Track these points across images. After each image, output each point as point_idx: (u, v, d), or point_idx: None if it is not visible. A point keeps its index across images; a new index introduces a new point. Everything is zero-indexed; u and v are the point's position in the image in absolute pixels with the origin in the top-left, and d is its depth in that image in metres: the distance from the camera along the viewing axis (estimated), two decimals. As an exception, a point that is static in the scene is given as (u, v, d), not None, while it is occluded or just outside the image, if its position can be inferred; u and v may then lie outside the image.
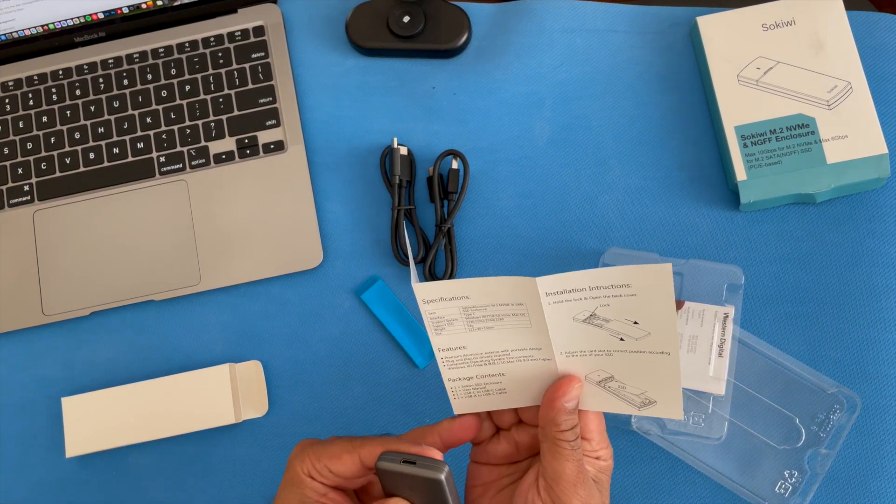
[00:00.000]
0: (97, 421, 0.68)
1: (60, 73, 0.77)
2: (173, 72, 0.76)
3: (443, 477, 0.45)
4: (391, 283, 0.71)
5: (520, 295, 0.48)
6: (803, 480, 0.62)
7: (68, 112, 0.76)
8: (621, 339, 0.49)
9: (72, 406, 0.68)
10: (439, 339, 0.50)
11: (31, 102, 0.77)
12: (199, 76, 0.76)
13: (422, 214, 0.72)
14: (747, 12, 0.70)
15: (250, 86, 0.75)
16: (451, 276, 0.70)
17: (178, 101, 0.75)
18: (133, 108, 0.76)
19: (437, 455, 0.47)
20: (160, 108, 0.76)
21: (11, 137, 0.76)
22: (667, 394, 0.50)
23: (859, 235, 0.68)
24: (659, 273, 0.46)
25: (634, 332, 0.49)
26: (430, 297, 0.49)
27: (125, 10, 0.77)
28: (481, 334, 0.50)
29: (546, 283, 0.47)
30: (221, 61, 0.76)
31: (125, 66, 0.77)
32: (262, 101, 0.75)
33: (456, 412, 0.52)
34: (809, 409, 0.63)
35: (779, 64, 0.68)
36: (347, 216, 0.73)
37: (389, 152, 0.72)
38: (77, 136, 0.76)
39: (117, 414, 0.68)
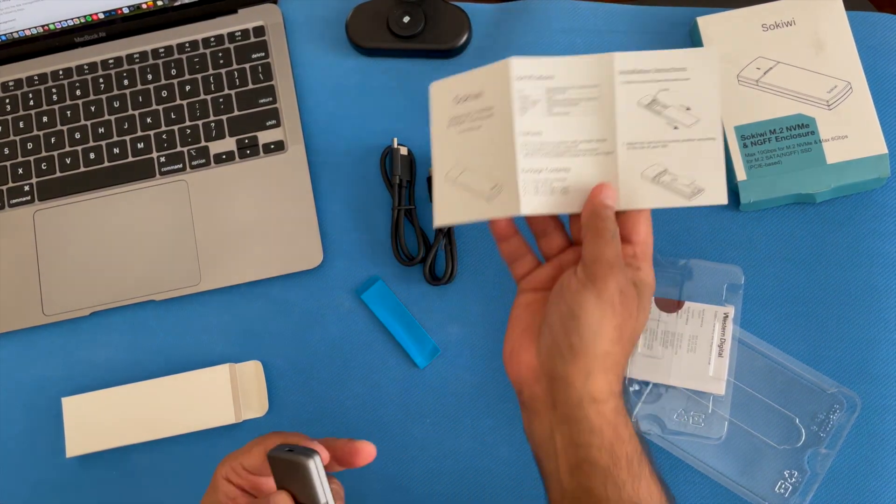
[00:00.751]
0: (97, 421, 0.68)
1: (61, 73, 0.77)
2: (173, 72, 0.76)
3: (309, 463, 0.48)
4: (391, 283, 0.71)
5: (597, 75, 0.54)
6: (803, 480, 0.62)
7: (68, 112, 0.76)
8: (675, 128, 0.54)
9: (72, 406, 0.68)
10: (523, 120, 0.53)
11: (31, 102, 0.77)
12: (199, 76, 0.76)
13: (422, 214, 0.72)
14: (747, 12, 0.70)
15: (250, 86, 0.75)
16: (451, 277, 0.70)
17: (178, 102, 0.76)
18: (133, 109, 0.76)
19: (319, 448, 0.49)
20: (160, 108, 0.76)
21: (12, 137, 0.76)
22: (713, 180, 0.54)
23: (859, 235, 0.68)
24: (707, 57, 0.54)
25: (686, 119, 0.54)
26: (523, 73, 0.53)
27: (125, 11, 0.77)
28: (557, 120, 0.54)
29: (621, 59, 0.54)
30: (222, 61, 0.76)
31: (125, 67, 0.77)
32: (262, 101, 0.75)
33: (523, 211, 0.53)
34: (809, 409, 0.63)
35: (779, 64, 0.68)
36: (347, 216, 0.73)
37: (389, 152, 0.72)
38: (77, 136, 0.76)
39: (117, 414, 0.68)
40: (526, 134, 0.53)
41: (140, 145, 0.75)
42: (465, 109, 0.57)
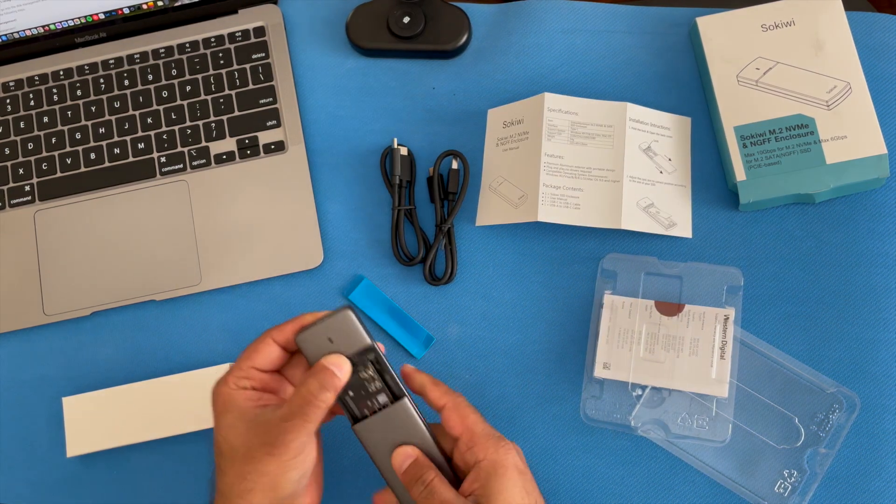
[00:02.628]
0: (98, 420, 0.68)
1: (61, 73, 0.77)
2: (174, 72, 0.76)
3: (348, 312, 0.52)
4: (392, 282, 0.71)
5: (612, 117, 0.67)
6: (802, 480, 0.62)
7: (69, 112, 0.76)
8: (661, 172, 0.67)
9: (72, 406, 0.69)
10: (549, 144, 0.67)
11: (31, 103, 0.77)
12: (199, 77, 0.76)
13: (422, 214, 0.72)
14: (747, 13, 0.70)
15: (251, 86, 0.75)
16: (451, 277, 0.70)
17: (178, 102, 0.76)
18: (134, 109, 0.76)
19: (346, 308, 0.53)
20: (161, 108, 0.76)
21: (12, 138, 0.76)
22: (683, 218, 0.68)
23: (859, 235, 0.68)
24: (684, 123, 0.70)
25: (668, 167, 0.68)
26: (554, 106, 0.68)
27: (126, 11, 0.77)
28: (577, 149, 0.67)
29: (631, 108, 0.68)
30: (222, 62, 0.76)
31: (126, 67, 0.77)
32: (262, 101, 0.75)
33: (540, 218, 0.65)
34: (809, 409, 0.63)
35: (778, 64, 0.69)
36: (348, 216, 0.73)
37: (389, 152, 0.72)
38: (78, 136, 0.76)
39: (118, 414, 0.68)
40: (550, 156, 0.67)
41: (140, 145, 0.75)
42: (509, 132, 0.70)
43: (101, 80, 0.77)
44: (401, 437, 0.54)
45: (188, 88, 0.76)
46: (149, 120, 0.76)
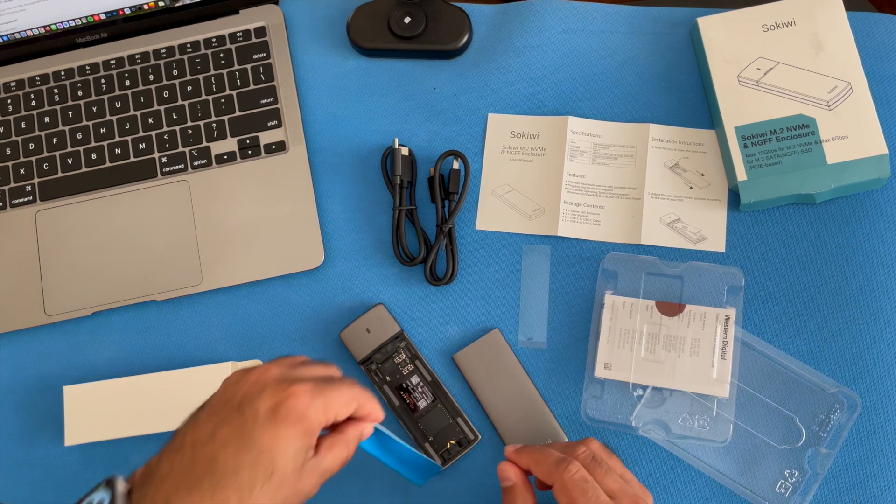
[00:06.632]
0: (98, 411, 0.68)
1: (62, 73, 0.77)
2: (175, 72, 0.76)
3: (381, 305, 0.68)
4: (392, 282, 0.71)
5: (635, 138, 0.70)
6: (803, 480, 0.62)
7: (70, 112, 0.76)
8: (691, 188, 0.69)
9: (73, 395, 0.68)
10: (571, 164, 0.70)
11: (33, 103, 0.77)
12: (200, 77, 0.76)
13: (423, 214, 0.72)
14: (747, 13, 0.70)
15: (252, 86, 0.76)
16: (451, 277, 0.70)
17: (179, 102, 0.76)
18: (135, 109, 0.76)
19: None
20: (162, 108, 0.76)
21: (14, 138, 0.76)
22: (716, 232, 0.69)
23: (859, 235, 0.68)
24: (714, 137, 0.70)
25: (701, 182, 0.69)
26: (577, 129, 0.70)
27: (127, 11, 0.77)
28: (598, 168, 0.70)
29: (654, 129, 0.70)
30: (223, 62, 0.76)
31: (127, 67, 0.77)
32: (263, 101, 0.75)
33: (559, 233, 0.69)
34: (810, 409, 0.64)
35: (779, 64, 0.69)
36: (349, 216, 0.73)
37: (390, 153, 0.72)
38: (79, 136, 0.76)
39: (118, 405, 0.68)
40: (571, 175, 0.70)
41: (142, 146, 0.75)
42: (520, 143, 0.72)
43: (102, 81, 0.77)
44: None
45: (189, 88, 0.76)
46: (150, 120, 0.76)
